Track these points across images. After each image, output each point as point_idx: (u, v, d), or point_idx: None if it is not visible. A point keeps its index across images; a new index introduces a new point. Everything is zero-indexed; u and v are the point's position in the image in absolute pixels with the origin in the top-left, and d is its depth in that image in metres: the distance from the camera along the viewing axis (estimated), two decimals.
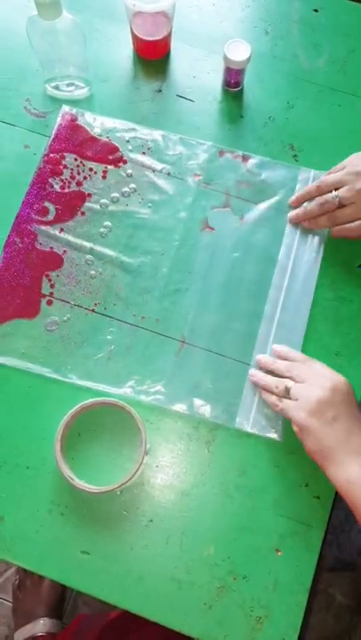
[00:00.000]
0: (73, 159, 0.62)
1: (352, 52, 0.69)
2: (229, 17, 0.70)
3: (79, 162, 0.62)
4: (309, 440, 0.49)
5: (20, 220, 0.60)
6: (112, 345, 0.57)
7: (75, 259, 0.59)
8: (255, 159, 0.63)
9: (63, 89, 0.65)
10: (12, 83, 0.66)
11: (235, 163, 0.63)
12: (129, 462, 0.54)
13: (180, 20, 0.68)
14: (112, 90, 0.66)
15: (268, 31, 0.70)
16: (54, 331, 0.57)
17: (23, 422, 0.55)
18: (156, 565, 0.51)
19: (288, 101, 0.67)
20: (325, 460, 0.48)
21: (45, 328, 0.57)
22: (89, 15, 0.69)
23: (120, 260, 0.60)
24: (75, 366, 0.56)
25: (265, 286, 0.59)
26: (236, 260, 0.60)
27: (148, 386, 0.56)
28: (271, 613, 0.51)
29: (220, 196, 0.62)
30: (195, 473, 0.54)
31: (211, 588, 0.51)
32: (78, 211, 0.61)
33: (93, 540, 0.52)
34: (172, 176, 0.63)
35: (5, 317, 0.57)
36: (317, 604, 0.97)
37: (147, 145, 0.64)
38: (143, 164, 0.63)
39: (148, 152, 0.63)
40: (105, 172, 0.62)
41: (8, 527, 0.52)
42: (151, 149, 0.63)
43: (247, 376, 0.56)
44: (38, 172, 0.62)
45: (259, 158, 0.63)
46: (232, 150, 0.64)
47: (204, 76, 0.67)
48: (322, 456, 0.48)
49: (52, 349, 0.56)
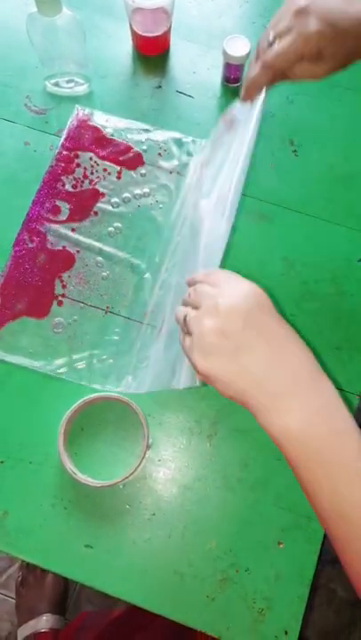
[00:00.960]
0: (88, 158, 0.63)
1: None
2: (228, 13, 0.70)
3: (94, 161, 0.63)
4: (218, 387, 0.35)
5: (30, 219, 0.60)
6: (118, 344, 0.57)
7: (85, 259, 0.60)
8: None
9: (63, 85, 0.65)
10: (11, 80, 0.66)
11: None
12: (131, 457, 0.54)
13: (179, 16, 0.68)
14: (112, 86, 0.67)
15: (266, 26, 0.69)
16: (60, 332, 0.57)
17: (26, 417, 0.55)
18: (158, 558, 0.52)
19: (288, 97, 0.67)
20: (250, 409, 0.34)
21: (53, 330, 0.57)
22: (89, 12, 0.69)
23: (129, 260, 0.60)
24: (81, 365, 0.56)
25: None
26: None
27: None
28: (273, 605, 0.51)
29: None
30: (197, 467, 0.54)
31: (213, 580, 0.51)
32: (91, 210, 0.61)
33: (96, 534, 0.52)
34: (184, 177, 0.63)
35: (14, 315, 0.57)
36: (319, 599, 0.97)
37: (159, 146, 0.64)
38: (156, 164, 0.63)
39: (160, 153, 0.64)
40: (119, 172, 0.62)
41: (12, 521, 0.52)
42: (163, 150, 0.64)
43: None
44: (50, 170, 0.62)
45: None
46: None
47: (203, 72, 0.67)
48: (243, 404, 0.35)
49: (60, 349, 0.57)
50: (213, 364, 0.34)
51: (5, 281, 0.58)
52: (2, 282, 0.58)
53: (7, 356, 0.56)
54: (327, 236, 0.62)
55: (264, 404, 0.33)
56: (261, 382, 0.33)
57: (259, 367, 0.34)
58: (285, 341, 0.35)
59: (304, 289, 0.60)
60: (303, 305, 0.59)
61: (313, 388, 0.33)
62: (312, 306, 0.59)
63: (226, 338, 0.34)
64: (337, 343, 0.58)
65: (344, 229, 0.62)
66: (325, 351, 0.58)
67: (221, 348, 0.34)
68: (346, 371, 0.57)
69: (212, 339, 0.34)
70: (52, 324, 0.57)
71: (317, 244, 0.61)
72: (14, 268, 0.59)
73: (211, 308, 0.35)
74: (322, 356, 0.58)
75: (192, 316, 0.36)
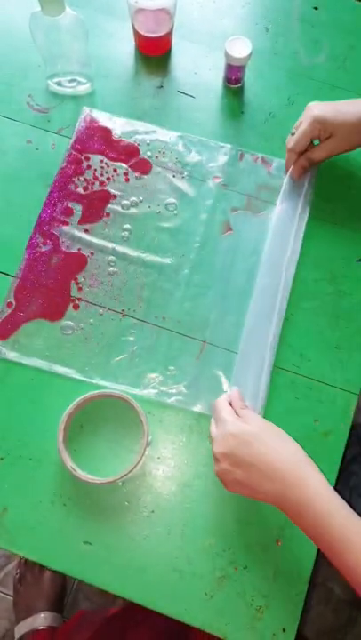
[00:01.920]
0: (99, 160, 0.63)
1: (352, 49, 0.69)
2: (230, 14, 0.70)
3: (104, 163, 0.63)
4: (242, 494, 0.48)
5: (43, 222, 0.61)
6: (134, 346, 0.57)
7: (98, 260, 0.60)
8: (276, 162, 0.64)
9: (65, 85, 0.65)
10: (14, 78, 0.66)
11: (255, 165, 0.64)
12: (131, 454, 0.54)
13: (181, 16, 0.69)
14: (114, 86, 0.67)
15: (268, 28, 0.70)
16: (70, 335, 0.57)
17: (26, 414, 0.55)
18: (157, 556, 0.52)
19: (288, 97, 0.67)
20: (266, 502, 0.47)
21: (68, 332, 0.57)
22: (91, 11, 0.69)
23: (142, 261, 0.60)
24: (97, 367, 0.56)
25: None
26: (256, 263, 0.60)
27: (169, 387, 0.56)
28: (272, 603, 0.51)
29: (240, 197, 0.63)
30: (196, 464, 0.55)
31: (212, 578, 0.52)
32: (103, 211, 0.61)
33: (96, 531, 0.52)
34: (193, 178, 0.63)
35: (29, 318, 0.58)
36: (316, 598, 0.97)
37: (167, 147, 0.64)
38: (165, 166, 0.63)
39: (168, 154, 0.64)
40: (126, 173, 0.63)
41: (11, 518, 0.52)
42: (172, 152, 0.64)
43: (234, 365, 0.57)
44: (60, 171, 0.62)
45: (278, 161, 0.64)
46: (252, 152, 0.64)
47: (205, 73, 0.68)
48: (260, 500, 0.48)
49: (76, 351, 0.57)
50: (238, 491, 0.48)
51: (20, 284, 0.59)
52: (16, 285, 0.59)
53: (24, 359, 0.56)
54: (326, 236, 0.62)
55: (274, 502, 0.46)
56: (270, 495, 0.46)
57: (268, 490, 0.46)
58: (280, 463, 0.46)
59: (303, 288, 0.60)
60: (302, 304, 0.59)
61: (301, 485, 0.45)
62: (311, 305, 0.59)
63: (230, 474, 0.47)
64: (336, 342, 0.59)
65: (343, 229, 0.62)
66: (324, 350, 0.58)
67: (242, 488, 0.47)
68: (344, 370, 0.58)
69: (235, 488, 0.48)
70: (67, 327, 0.58)
71: (316, 243, 0.62)
72: (28, 271, 0.59)
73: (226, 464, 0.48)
74: (321, 355, 0.58)
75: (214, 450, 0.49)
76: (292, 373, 0.57)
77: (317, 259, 0.62)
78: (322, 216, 0.63)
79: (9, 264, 0.59)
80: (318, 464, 0.54)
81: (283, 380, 0.57)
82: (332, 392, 0.57)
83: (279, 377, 0.57)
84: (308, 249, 0.61)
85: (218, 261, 0.61)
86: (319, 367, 0.58)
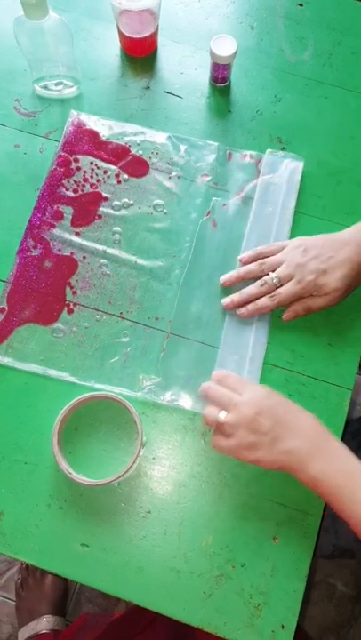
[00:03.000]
0: (88, 162, 0.63)
1: (337, 45, 0.70)
2: (215, 13, 0.71)
3: (94, 164, 0.63)
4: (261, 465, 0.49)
5: (33, 226, 0.61)
6: (128, 347, 0.57)
7: (90, 263, 0.60)
8: (265, 159, 0.64)
9: (52, 88, 0.65)
10: (0, 83, 0.66)
11: (243, 163, 0.64)
12: (126, 455, 0.54)
13: (166, 17, 0.69)
14: (101, 88, 0.67)
15: (253, 26, 0.70)
16: (62, 337, 0.57)
17: (20, 418, 0.55)
18: (155, 556, 0.52)
19: (275, 95, 0.67)
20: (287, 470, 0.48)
21: (54, 335, 0.57)
22: (76, 14, 0.69)
23: (133, 263, 0.60)
24: (91, 370, 0.56)
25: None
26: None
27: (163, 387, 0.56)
28: (270, 600, 0.51)
29: (229, 195, 0.63)
30: (191, 464, 0.55)
31: (210, 576, 0.52)
32: (94, 214, 0.61)
33: (93, 533, 0.52)
34: (182, 178, 0.63)
35: (22, 322, 0.58)
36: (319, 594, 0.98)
37: (156, 148, 0.64)
38: (154, 166, 0.63)
39: (157, 155, 0.64)
40: (118, 175, 0.63)
41: (8, 522, 0.52)
42: (161, 152, 0.64)
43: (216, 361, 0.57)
44: (50, 175, 0.62)
45: (267, 158, 0.64)
46: (240, 150, 0.64)
47: (191, 72, 0.68)
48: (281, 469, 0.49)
49: (69, 354, 0.57)
50: (258, 455, 0.48)
51: (12, 289, 0.59)
52: (9, 290, 0.59)
53: (17, 364, 0.56)
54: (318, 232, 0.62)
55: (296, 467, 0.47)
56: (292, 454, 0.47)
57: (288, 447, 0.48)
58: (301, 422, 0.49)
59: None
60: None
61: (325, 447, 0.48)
62: None
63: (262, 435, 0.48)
64: (329, 339, 0.59)
65: (334, 225, 0.62)
66: (318, 347, 0.58)
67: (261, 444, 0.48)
68: (338, 366, 0.58)
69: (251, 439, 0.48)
70: (58, 330, 0.58)
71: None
72: (20, 275, 0.59)
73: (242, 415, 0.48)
74: (313, 351, 0.58)
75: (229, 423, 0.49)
76: (285, 370, 0.57)
77: None
78: (313, 212, 0.63)
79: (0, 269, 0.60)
80: None
81: (276, 378, 0.57)
82: (325, 388, 0.57)
83: (272, 374, 0.57)
84: None
85: (208, 261, 0.61)
86: (312, 363, 0.58)
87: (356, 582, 1.01)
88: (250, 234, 0.61)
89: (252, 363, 0.57)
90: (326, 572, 1.00)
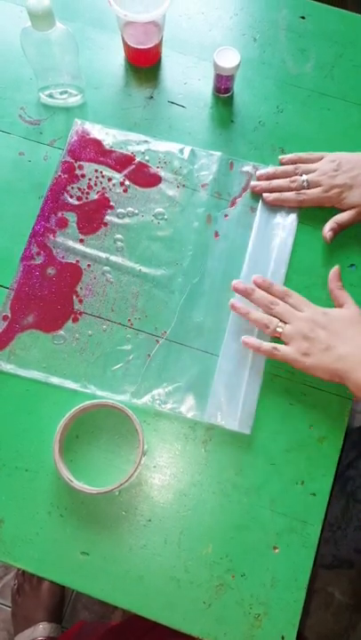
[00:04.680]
0: (93, 170, 0.63)
1: (339, 58, 0.70)
2: (218, 25, 0.71)
3: (99, 172, 0.63)
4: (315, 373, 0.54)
5: (37, 233, 0.61)
6: (130, 355, 0.57)
7: (94, 271, 0.60)
8: (263, 170, 0.64)
9: (57, 97, 0.66)
10: (6, 92, 0.67)
11: (244, 173, 0.64)
12: (126, 463, 0.54)
13: (170, 28, 0.69)
14: (105, 97, 0.68)
15: (256, 38, 0.71)
16: (64, 344, 0.57)
17: (21, 425, 0.55)
18: (155, 565, 0.52)
19: (277, 106, 0.68)
20: (339, 378, 0.53)
21: (55, 342, 0.57)
22: (81, 24, 0.70)
23: (136, 271, 0.60)
24: (93, 377, 0.57)
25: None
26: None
27: (165, 395, 0.56)
28: (270, 610, 0.51)
29: (232, 205, 0.63)
30: (192, 472, 0.55)
31: (210, 586, 0.52)
32: (98, 222, 0.62)
33: (93, 541, 0.52)
34: (185, 187, 0.64)
35: (24, 329, 0.58)
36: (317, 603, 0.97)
37: (159, 157, 0.65)
38: (158, 175, 0.64)
39: (161, 164, 0.64)
40: (122, 183, 0.63)
41: (8, 530, 0.52)
42: (163, 161, 0.64)
43: (216, 368, 0.57)
44: (54, 181, 0.63)
45: (267, 169, 0.64)
46: (242, 160, 0.65)
47: (194, 83, 0.69)
48: (333, 376, 0.53)
49: (72, 361, 0.57)
50: (312, 360, 0.53)
51: (15, 296, 0.59)
52: (12, 297, 0.59)
53: (20, 370, 0.56)
54: (319, 242, 0.63)
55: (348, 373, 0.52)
56: (345, 361, 0.52)
57: (341, 353, 0.53)
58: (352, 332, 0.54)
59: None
60: None
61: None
62: None
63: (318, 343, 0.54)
64: None
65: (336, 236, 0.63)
66: None
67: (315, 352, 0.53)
68: None
69: (306, 346, 0.54)
70: (60, 337, 0.58)
71: (309, 249, 0.62)
72: (23, 282, 0.59)
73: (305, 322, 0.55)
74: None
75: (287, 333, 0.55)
76: (286, 379, 0.58)
77: (310, 265, 0.62)
78: (314, 223, 0.63)
79: (3, 276, 0.60)
80: (314, 470, 0.55)
81: (277, 387, 0.57)
82: (326, 397, 0.57)
83: (273, 383, 0.57)
84: (300, 255, 0.62)
85: (211, 269, 0.61)
86: None
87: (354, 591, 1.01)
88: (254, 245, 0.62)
89: (252, 371, 0.57)
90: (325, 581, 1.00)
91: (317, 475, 0.55)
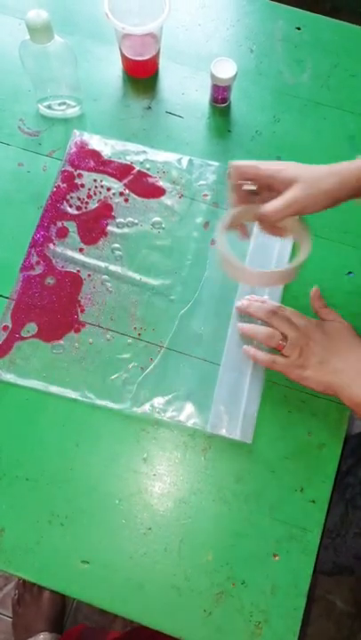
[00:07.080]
0: (92, 179, 0.64)
1: (335, 67, 0.71)
2: (215, 36, 0.72)
3: (98, 182, 0.64)
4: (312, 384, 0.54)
5: (36, 243, 0.61)
6: (129, 364, 0.58)
7: (93, 281, 0.61)
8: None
9: (55, 108, 0.66)
10: (5, 103, 0.68)
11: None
12: (126, 471, 0.54)
13: (167, 39, 0.70)
14: (103, 108, 0.68)
15: (252, 49, 0.72)
16: (63, 354, 0.58)
17: (22, 434, 0.56)
18: (155, 573, 0.52)
19: (274, 115, 0.69)
20: (333, 391, 0.53)
21: (55, 351, 0.58)
22: (80, 37, 0.71)
23: (134, 280, 0.61)
24: (93, 386, 0.57)
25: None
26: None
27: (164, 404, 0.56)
28: (270, 618, 0.51)
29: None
30: (192, 481, 0.55)
31: (210, 594, 0.52)
32: (97, 231, 0.62)
33: (93, 550, 0.52)
34: (183, 197, 0.64)
35: (24, 339, 0.58)
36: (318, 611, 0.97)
37: (157, 167, 0.65)
38: (157, 185, 0.64)
39: (159, 174, 0.65)
40: (122, 193, 0.64)
41: (8, 539, 0.52)
42: (162, 171, 0.65)
43: (217, 377, 0.57)
44: (54, 191, 0.63)
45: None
46: None
47: (192, 93, 0.69)
48: (327, 389, 0.53)
49: (71, 370, 0.57)
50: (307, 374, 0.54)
51: (16, 305, 0.59)
52: (12, 307, 0.59)
53: (20, 380, 0.57)
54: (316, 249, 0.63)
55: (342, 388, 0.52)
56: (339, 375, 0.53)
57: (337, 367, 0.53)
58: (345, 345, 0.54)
59: (295, 303, 0.61)
60: None
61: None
62: None
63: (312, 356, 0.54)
64: None
65: (333, 243, 0.64)
66: None
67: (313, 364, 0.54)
68: None
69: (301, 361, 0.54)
70: (59, 346, 0.58)
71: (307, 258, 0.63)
72: (23, 292, 0.60)
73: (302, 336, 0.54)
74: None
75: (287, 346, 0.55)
76: (285, 387, 0.58)
77: (308, 273, 0.62)
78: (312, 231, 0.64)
79: (3, 286, 0.60)
80: (313, 477, 0.55)
81: (276, 394, 0.58)
82: (324, 405, 0.57)
83: (272, 391, 0.58)
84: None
85: (209, 278, 0.61)
86: None
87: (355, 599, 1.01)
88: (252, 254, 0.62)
89: (253, 380, 0.57)
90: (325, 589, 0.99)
91: (317, 482, 0.55)
